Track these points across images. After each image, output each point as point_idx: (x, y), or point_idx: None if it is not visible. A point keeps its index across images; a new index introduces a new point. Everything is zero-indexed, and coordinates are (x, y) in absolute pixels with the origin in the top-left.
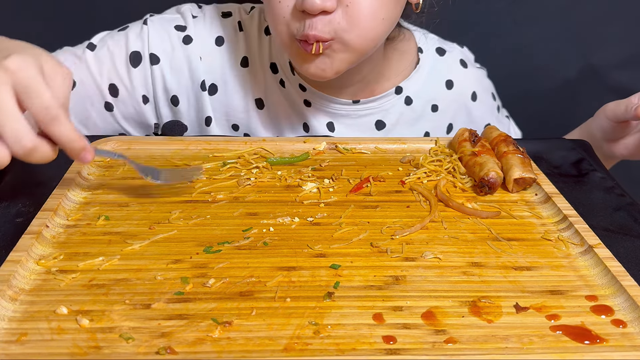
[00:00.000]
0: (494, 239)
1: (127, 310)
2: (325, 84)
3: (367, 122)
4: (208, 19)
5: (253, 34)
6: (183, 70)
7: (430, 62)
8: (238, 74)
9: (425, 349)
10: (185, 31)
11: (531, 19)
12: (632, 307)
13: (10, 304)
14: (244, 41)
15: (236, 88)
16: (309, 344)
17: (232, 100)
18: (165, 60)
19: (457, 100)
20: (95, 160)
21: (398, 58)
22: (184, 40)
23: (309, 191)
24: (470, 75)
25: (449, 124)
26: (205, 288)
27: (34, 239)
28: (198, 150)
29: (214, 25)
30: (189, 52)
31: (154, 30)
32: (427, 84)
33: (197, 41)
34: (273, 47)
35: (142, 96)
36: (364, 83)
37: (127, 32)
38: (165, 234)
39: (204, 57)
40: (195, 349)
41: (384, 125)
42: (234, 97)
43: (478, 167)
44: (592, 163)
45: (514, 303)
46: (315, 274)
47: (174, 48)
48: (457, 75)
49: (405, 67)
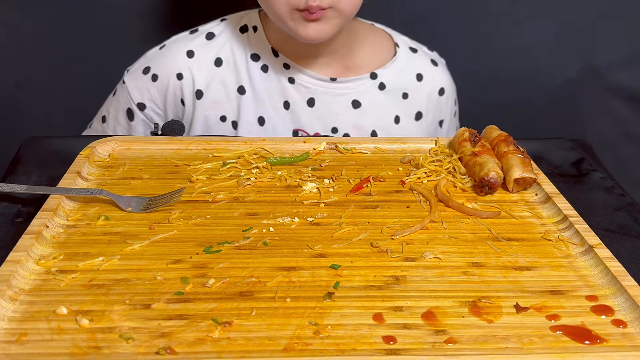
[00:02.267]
0: (494, 239)
1: (127, 310)
2: (305, 62)
3: (344, 100)
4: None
5: (224, 38)
6: (170, 97)
7: (403, 56)
8: (216, 73)
9: (425, 349)
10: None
11: (531, 19)
12: (633, 307)
13: (10, 304)
14: (214, 46)
15: (217, 86)
16: (308, 344)
17: (216, 96)
18: (149, 103)
19: (426, 91)
20: (95, 160)
21: (373, 50)
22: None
23: (309, 191)
24: (440, 73)
25: (417, 111)
26: (205, 288)
27: (34, 239)
28: (198, 150)
29: (182, 46)
30: (168, 81)
31: (132, 85)
32: (400, 74)
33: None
34: (253, 41)
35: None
36: (338, 56)
37: (117, 95)
38: (165, 234)
39: (185, 75)
40: (195, 349)
41: (359, 104)
42: (215, 93)
43: (478, 167)
44: (592, 163)
45: (514, 303)
46: (315, 274)
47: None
48: (427, 70)
49: (382, 58)
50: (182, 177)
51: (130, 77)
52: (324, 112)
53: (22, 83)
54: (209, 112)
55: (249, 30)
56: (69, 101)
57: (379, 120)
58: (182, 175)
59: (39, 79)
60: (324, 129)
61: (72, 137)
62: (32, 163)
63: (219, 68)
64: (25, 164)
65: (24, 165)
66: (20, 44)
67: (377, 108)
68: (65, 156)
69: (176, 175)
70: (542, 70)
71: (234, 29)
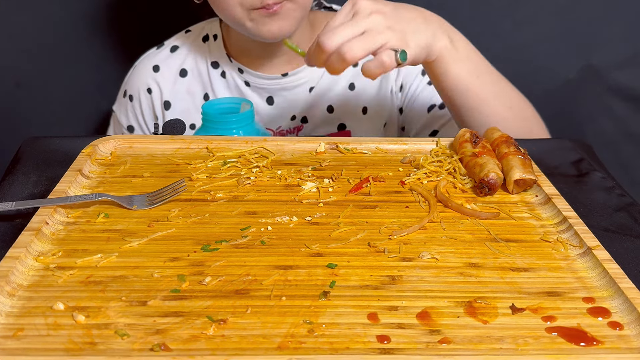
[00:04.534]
0: (492, 240)
1: (123, 307)
2: (259, 63)
3: (301, 91)
4: (139, 66)
5: (187, 49)
6: (146, 111)
7: None
8: (181, 84)
9: (419, 349)
10: (127, 92)
11: (531, 19)
12: (629, 310)
13: (8, 299)
14: (178, 58)
15: (183, 96)
16: (302, 342)
17: (184, 105)
18: (135, 123)
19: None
20: (97, 159)
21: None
22: (130, 99)
23: (308, 191)
24: None
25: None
26: (201, 286)
27: (34, 235)
28: (199, 149)
29: (148, 62)
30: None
31: (119, 112)
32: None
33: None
34: (213, 49)
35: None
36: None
37: (113, 125)
38: (163, 232)
39: (153, 89)
40: (189, 346)
41: (312, 88)
42: (182, 103)
43: (478, 168)
44: (592, 163)
45: (510, 304)
46: (311, 273)
47: (130, 108)
48: None
49: None
50: (182, 176)
51: (117, 105)
52: (284, 107)
53: (22, 83)
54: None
55: (209, 39)
56: (69, 101)
57: (333, 95)
58: (183, 174)
59: (39, 79)
60: (284, 120)
61: (72, 137)
62: (32, 163)
63: (184, 78)
64: (25, 164)
65: (23, 165)
66: (20, 44)
67: (331, 85)
68: (65, 156)
69: (177, 174)
70: (542, 70)
71: (196, 39)
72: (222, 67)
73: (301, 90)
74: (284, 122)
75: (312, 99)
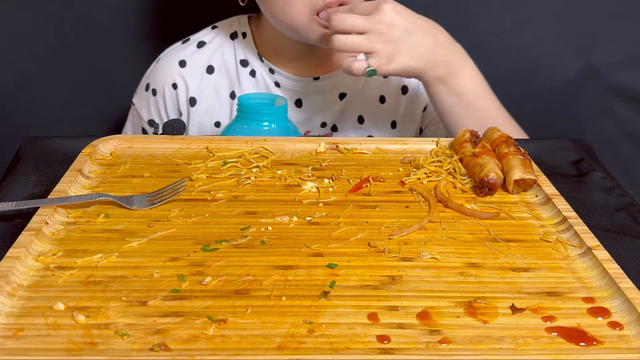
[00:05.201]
0: (492, 240)
1: (123, 307)
2: (291, 65)
3: (330, 97)
4: (164, 60)
5: (215, 45)
6: (170, 107)
7: None
8: (208, 81)
9: (418, 349)
10: (150, 86)
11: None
12: (629, 310)
13: (8, 299)
14: (205, 54)
15: (209, 93)
16: (302, 342)
17: (209, 103)
18: (157, 117)
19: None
20: (97, 159)
21: None
22: (153, 93)
23: (308, 191)
24: None
25: (403, 85)
26: (201, 286)
27: (34, 235)
28: (199, 149)
29: (174, 57)
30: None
31: (140, 106)
32: None
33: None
34: (242, 47)
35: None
36: (324, 56)
37: (131, 117)
38: (163, 232)
39: (179, 84)
40: (189, 346)
41: (344, 95)
42: (208, 100)
43: (478, 168)
44: (592, 163)
45: (510, 304)
46: (311, 273)
47: (153, 102)
48: None
49: None
50: (182, 176)
51: (137, 98)
52: (313, 110)
53: (22, 83)
54: (203, 119)
55: (238, 36)
56: (69, 101)
57: (364, 105)
58: (183, 174)
59: (39, 79)
60: (313, 126)
61: (72, 137)
62: (32, 163)
63: (210, 75)
64: (25, 164)
65: (23, 165)
66: (20, 44)
67: (361, 94)
68: (65, 156)
69: (177, 174)
70: (542, 70)
71: (225, 36)
72: (252, 65)
73: (331, 96)
74: (312, 126)
75: (342, 106)
